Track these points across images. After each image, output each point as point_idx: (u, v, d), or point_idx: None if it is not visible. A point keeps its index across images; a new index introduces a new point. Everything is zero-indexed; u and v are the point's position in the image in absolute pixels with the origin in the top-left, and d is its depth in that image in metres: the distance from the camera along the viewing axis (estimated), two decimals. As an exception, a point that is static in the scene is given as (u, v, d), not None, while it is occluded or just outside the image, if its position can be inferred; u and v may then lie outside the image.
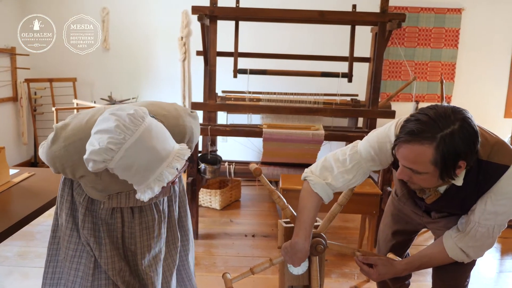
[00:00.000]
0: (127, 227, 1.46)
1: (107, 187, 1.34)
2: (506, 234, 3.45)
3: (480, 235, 1.38)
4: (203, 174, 3.13)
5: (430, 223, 1.63)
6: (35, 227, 3.19)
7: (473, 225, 1.38)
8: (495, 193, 1.31)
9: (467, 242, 1.41)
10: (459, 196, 1.38)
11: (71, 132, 1.26)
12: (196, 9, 2.97)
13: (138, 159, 1.11)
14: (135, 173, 1.13)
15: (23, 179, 1.97)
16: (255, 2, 3.74)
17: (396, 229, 1.78)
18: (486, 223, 1.36)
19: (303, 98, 3.35)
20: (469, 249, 1.42)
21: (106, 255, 1.43)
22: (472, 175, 1.30)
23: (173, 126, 1.29)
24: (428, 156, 1.20)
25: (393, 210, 1.79)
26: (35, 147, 4.80)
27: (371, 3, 3.98)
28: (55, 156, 1.28)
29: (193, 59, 4.61)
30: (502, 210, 1.33)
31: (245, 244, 3.12)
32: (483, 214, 1.34)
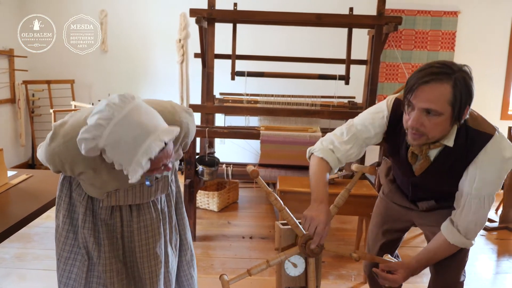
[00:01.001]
0: (126, 226, 1.46)
1: (106, 184, 1.35)
2: (502, 236, 3.47)
3: (474, 207, 1.43)
4: (201, 176, 3.14)
5: (419, 219, 1.68)
6: (32, 229, 3.19)
7: (466, 197, 1.44)
8: (481, 161, 1.39)
9: (463, 219, 1.46)
10: (448, 163, 1.44)
11: (70, 128, 1.27)
12: (194, 12, 2.98)
13: (126, 134, 1.13)
14: (124, 149, 1.14)
15: (21, 181, 1.97)
16: (253, 5, 3.75)
17: (385, 228, 1.81)
18: (477, 193, 1.42)
19: (300, 100, 3.37)
20: (466, 224, 1.46)
21: (105, 256, 1.43)
22: (461, 138, 1.40)
23: (169, 122, 1.30)
24: (447, 95, 1.29)
25: (381, 209, 1.82)
26: (33, 149, 4.80)
27: (368, 6, 4.01)
28: (55, 153, 1.28)
29: (191, 61, 4.62)
30: (489, 177, 1.41)
31: (243, 246, 3.13)
32: (473, 183, 1.41)
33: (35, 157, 4.81)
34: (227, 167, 3.29)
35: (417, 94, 1.31)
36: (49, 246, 2.98)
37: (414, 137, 1.39)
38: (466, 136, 1.40)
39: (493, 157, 1.39)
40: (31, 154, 4.85)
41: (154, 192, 1.46)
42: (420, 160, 1.49)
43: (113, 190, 1.37)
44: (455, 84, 1.28)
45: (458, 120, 1.34)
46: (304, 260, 1.54)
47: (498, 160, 1.39)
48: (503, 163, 1.40)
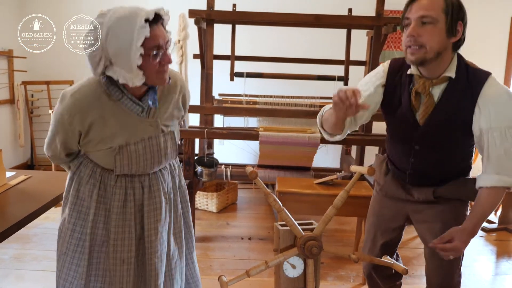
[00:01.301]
0: (138, 211, 1.47)
1: (115, 136, 1.37)
2: (501, 237, 3.47)
3: (499, 141, 1.42)
4: (200, 177, 3.14)
5: (415, 214, 1.68)
6: (31, 230, 3.19)
7: (486, 134, 1.43)
8: (489, 94, 1.42)
9: (493, 156, 1.44)
10: (453, 100, 1.46)
11: (77, 86, 1.35)
12: (193, 13, 2.98)
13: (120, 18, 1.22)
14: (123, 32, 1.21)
15: (20, 182, 1.97)
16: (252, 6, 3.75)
17: (383, 228, 1.80)
18: (497, 126, 1.41)
19: (299, 101, 3.37)
20: (498, 161, 1.45)
21: (115, 249, 1.44)
22: (462, 72, 1.46)
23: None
24: (439, 2, 1.39)
25: (376, 208, 1.82)
26: (31, 149, 4.80)
27: (367, 7, 4.00)
28: (64, 109, 1.33)
29: (190, 62, 4.62)
30: (503, 109, 1.42)
31: (242, 246, 3.13)
32: (490, 116, 1.42)
33: (34, 158, 4.80)
34: (226, 168, 3.29)
35: (412, 7, 1.42)
36: (48, 247, 2.97)
37: (413, 51, 1.42)
38: (466, 71, 1.47)
39: (499, 89, 1.43)
40: (30, 155, 4.84)
41: (164, 150, 1.46)
42: (424, 100, 1.50)
43: (124, 144, 1.38)
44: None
45: (452, 33, 1.41)
46: (303, 261, 1.54)
47: (505, 92, 1.43)
48: (509, 95, 1.43)
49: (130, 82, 1.27)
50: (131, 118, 1.38)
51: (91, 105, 1.33)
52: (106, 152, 1.39)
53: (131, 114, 1.38)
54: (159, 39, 1.27)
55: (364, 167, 1.59)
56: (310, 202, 2.65)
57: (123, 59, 1.24)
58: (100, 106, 1.34)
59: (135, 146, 1.40)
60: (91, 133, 1.37)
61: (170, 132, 1.50)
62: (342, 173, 2.98)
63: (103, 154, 1.40)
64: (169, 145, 1.49)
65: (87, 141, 1.39)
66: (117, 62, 1.26)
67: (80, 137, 1.39)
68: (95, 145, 1.39)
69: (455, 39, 1.44)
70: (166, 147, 1.48)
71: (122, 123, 1.37)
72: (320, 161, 4.00)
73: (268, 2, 4.38)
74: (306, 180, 2.92)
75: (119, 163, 1.39)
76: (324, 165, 4.27)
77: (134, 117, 1.39)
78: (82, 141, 1.40)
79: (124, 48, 1.23)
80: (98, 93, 1.34)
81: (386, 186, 1.75)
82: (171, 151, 1.51)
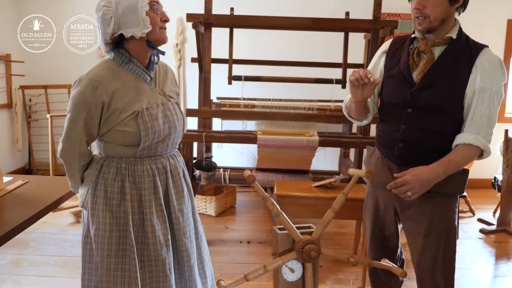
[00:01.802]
0: (166, 195, 1.57)
1: (134, 100, 1.48)
2: (500, 239, 3.47)
3: (486, 102, 1.51)
4: (198, 181, 3.13)
5: (402, 211, 1.68)
6: (29, 235, 3.18)
7: (478, 95, 1.52)
8: (484, 59, 1.53)
9: (476, 115, 1.52)
10: (451, 59, 1.54)
11: (88, 70, 1.48)
12: (191, 17, 2.98)
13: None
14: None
15: (17, 187, 1.97)
16: (250, 9, 3.77)
17: (378, 222, 1.81)
18: (489, 87, 1.51)
19: (297, 104, 3.37)
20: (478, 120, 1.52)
21: (153, 229, 1.52)
22: (463, 38, 1.58)
23: None
24: None
25: (369, 202, 1.84)
26: (29, 154, 4.79)
27: (364, 10, 4.02)
28: (83, 86, 1.43)
29: (188, 66, 4.63)
30: (495, 74, 1.53)
31: (240, 250, 3.12)
32: (484, 77, 1.51)
33: (32, 162, 4.79)
34: (225, 172, 3.29)
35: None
36: (46, 252, 2.96)
37: (419, 21, 1.54)
38: (466, 39, 1.59)
39: (495, 57, 1.56)
40: (28, 159, 4.83)
41: (175, 115, 1.59)
42: (424, 59, 1.58)
43: (145, 108, 1.48)
44: None
45: (455, 1, 1.51)
46: (302, 265, 1.53)
47: (499, 61, 1.55)
48: (502, 66, 1.55)
49: (139, 33, 1.44)
50: (144, 86, 1.53)
51: (109, 76, 1.46)
52: (130, 120, 1.46)
53: (143, 85, 1.52)
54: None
55: (362, 170, 1.59)
56: (309, 206, 2.64)
57: (131, 13, 1.43)
58: (117, 76, 1.48)
59: (153, 110, 1.51)
60: (113, 103, 1.45)
61: (176, 103, 1.65)
62: (340, 176, 2.97)
63: (128, 122, 1.46)
64: (177, 112, 1.62)
65: (110, 113, 1.46)
66: (125, 22, 1.44)
67: (102, 112, 1.45)
68: (118, 115, 1.46)
69: (458, 4, 1.54)
70: (176, 113, 1.60)
71: (138, 91, 1.50)
72: (319, 164, 4.01)
73: (266, 6, 4.40)
74: (305, 183, 2.91)
75: (144, 126, 1.46)
76: (323, 168, 4.27)
77: (146, 85, 1.53)
78: (105, 115, 1.46)
79: (132, 4, 1.42)
80: (111, 66, 1.50)
81: (376, 175, 1.75)
82: (180, 118, 1.63)
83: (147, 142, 1.49)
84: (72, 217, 3.56)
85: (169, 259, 1.55)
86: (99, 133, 1.49)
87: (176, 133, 1.60)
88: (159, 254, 1.52)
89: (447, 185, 1.59)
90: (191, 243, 1.63)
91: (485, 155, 1.58)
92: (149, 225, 1.51)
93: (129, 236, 1.50)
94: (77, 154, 1.50)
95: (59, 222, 3.47)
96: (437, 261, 1.62)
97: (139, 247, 1.53)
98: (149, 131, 1.48)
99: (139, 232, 1.53)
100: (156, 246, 1.52)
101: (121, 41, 1.49)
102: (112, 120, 1.46)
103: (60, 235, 3.25)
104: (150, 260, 1.53)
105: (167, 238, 1.55)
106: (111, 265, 1.50)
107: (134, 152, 1.50)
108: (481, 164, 3.77)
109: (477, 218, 3.90)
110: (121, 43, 1.50)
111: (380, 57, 1.76)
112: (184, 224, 1.60)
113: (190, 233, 1.63)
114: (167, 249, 1.55)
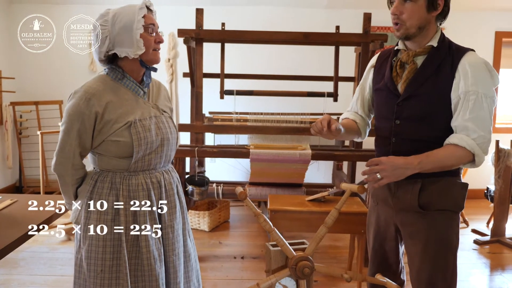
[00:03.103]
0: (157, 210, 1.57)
1: (128, 112, 1.51)
2: (494, 250, 3.47)
3: (472, 104, 1.46)
4: (191, 196, 3.11)
5: (402, 226, 1.64)
6: (18, 254, 3.12)
7: (463, 97, 1.48)
8: (468, 62, 1.49)
9: (461, 117, 1.48)
10: (433, 66, 1.52)
11: (86, 83, 1.51)
12: (182, 32, 2.99)
13: (124, 11, 1.48)
14: (126, 16, 1.46)
15: (5, 207, 1.93)
16: (241, 24, 3.79)
17: (379, 236, 1.77)
18: (474, 90, 1.46)
19: (289, 118, 3.37)
20: (466, 122, 1.47)
21: (147, 243, 1.52)
22: (445, 44, 1.55)
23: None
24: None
25: (371, 217, 1.80)
26: (20, 171, 4.73)
27: (354, 24, 4.07)
28: (78, 98, 1.46)
29: (180, 81, 4.63)
30: (481, 76, 1.48)
31: (234, 266, 3.08)
32: (468, 80, 1.47)
33: (23, 179, 4.74)
34: (218, 186, 3.27)
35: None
36: (35, 272, 2.91)
37: (397, 27, 1.54)
38: (449, 45, 1.56)
39: (479, 59, 1.51)
40: (18, 176, 4.77)
41: (168, 128, 1.61)
42: (406, 69, 1.57)
43: (138, 119, 1.51)
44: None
45: (433, 7, 1.49)
46: (295, 282, 1.51)
47: (483, 63, 1.50)
48: (489, 68, 1.50)
49: (132, 54, 1.47)
50: (137, 101, 1.56)
51: (103, 88, 1.50)
52: (123, 130, 1.48)
53: (137, 98, 1.56)
54: (153, 20, 1.54)
55: (354, 184, 1.59)
56: (302, 220, 2.63)
57: (126, 34, 1.46)
58: (111, 89, 1.52)
59: (146, 121, 1.54)
60: (106, 114, 1.47)
61: (169, 117, 1.67)
62: (334, 190, 2.96)
63: (121, 133, 1.48)
64: (170, 125, 1.64)
65: (103, 124, 1.48)
66: (120, 41, 1.47)
67: (95, 123, 1.47)
68: (112, 126, 1.48)
69: (436, 12, 1.51)
70: (169, 126, 1.63)
71: (132, 103, 1.54)
72: (312, 177, 3.99)
73: (257, 20, 4.43)
74: (298, 197, 2.90)
75: (137, 136, 1.48)
76: (316, 181, 4.26)
77: (139, 99, 1.57)
78: (98, 126, 1.48)
79: (128, 25, 1.46)
80: (105, 80, 1.53)
81: (375, 191, 1.73)
82: (173, 132, 1.65)
83: (140, 152, 1.50)
84: (63, 234, 3.50)
85: (162, 274, 1.55)
86: (93, 145, 1.51)
87: (169, 145, 1.62)
88: (153, 269, 1.52)
89: (444, 199, 1.55)
90: (179, 260, 1.62)
91: (477, 160, 1.49)
92: (143, 239, 1.52)
93: (122, 252, 1.50)
94: (70, 167, 1.51)
95: (49, 240, 3.42)
96: (435, 283, 1.58)
97: (133, 262, 1.53)
98: (141, 141, 1.49)
99: (133, 247, 1.53)
100: (150, 261, 1.52)
101: (115, 58, 1.53)
102: (105, 131, 1.48)
103: (50, 254, 3.19)
104: (143, 275, 1.53)
105: (160, 253, 1.55)
106: (105, 281, 1.49)
107: (128, 164, 1.51)
108: (474, 175, 3.80)
109: (471, 229, 3.90)
110: (115, 60, 1.54)
111: (368, 72, 1.77)
112: (173, 241, 1.60)
113: (179, 250, 1.62)
114: (161, 263, 1.55)
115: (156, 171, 1.59)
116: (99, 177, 1.54)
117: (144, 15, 1.49)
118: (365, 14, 3.11)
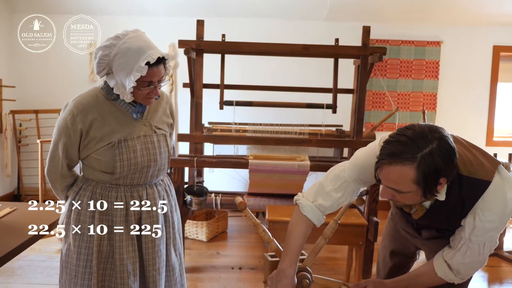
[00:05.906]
0: (137, 224, 1.57)
1: (113, 131, 1.50)
2: (492, 263, 3.46)
3: (470, 252, 1.39)
4: (189, 206, 3.11)
5: (424, 246, 1.65)
6: (15, 263, 3.10)
7: (464, 241, 1.39)
8: (481, 209, 1.33)
9: (457, 259, 1.42)
10: (444, 210, 1.39)
11: (79, 96, 1.53)
12: (183, 43, 3.02)
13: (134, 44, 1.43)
14: (130, 57, 1.41)
15: (4, 215, 1.93)
16: (241, 35, 3.83)
17: (393, 249, 1.78)
18: (476, 239, 1.37)
19: (288, 129, 3.39)
20: (459, 266, 1.42)
21: (121, 257, 1.53)
22: (454, 190, 1.33)
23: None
24: (410, 176, 1.24)
25: (390, 231, 1.80)
26: (18, 179, 4.72)
27: (353, 37, 4.11)
28: (66, 113, 1.48)
29: (180, 91, 4.65)
30: (490, 226, 1.34)
31: (232, 277, 3.07)
32: (473, 230, 1.36)
33: (21, 188, 4.73)
34: (216, 196, 3.26)
35: (382, 173, 1.29)
36: (32, 281, 2.89)
37: (394, 202, 1.46)
38: (459, 187, 1.33)
39: (492, 205, 1.32)
40: (17, 185, 4.76)
41: (158, 148, 1.59)
42: (415, 210, 1.46)
43: (122, 139, 1.50)
44: (420, 164, 1.22)
45: (431, 194, 1.28)
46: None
47: (499, 207, 1.32)
48: (505, 207, 1.33)
49: (122, 95, 1.49)
50: (127, 117, 1.54)
51: (91, 105, 1.50)
52: (106, 150, 1.48)
53: (127, 115, 1.55)
54: (153, 77, 1.48)
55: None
56: (301, 231, 2.62)
57: (122, 78, 1.45)
58: (99, 106, 1.51)
59: (132, 141, 1.52)
60: (91, 132, 1.49)
61: (162, 135, 1.64)
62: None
63: (103, 152, 1.49)
64: (162, 145, 1.61)
65: (88, 140, 1.49)
66: (116, 73, 1.47)
67: (81, 139, 1.49)
68: (95, 144, 1.49)
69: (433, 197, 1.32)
70: (160, 146, 1.60)
71: (119, 121, 1.53)
72: (311, 188, 3.99)
73: (257, 32, 4.47)
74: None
75: (119, 157, 1.48)
76: (315, 192, 4.25)
77: (129, 117, 1.55)
78: (83, 142, 1.49)
79: (123, 74, 1.45)
80: (97, 95, 1.53)
81: (397, 218, 1.72)
82: (164, 152, 1.62)
83: (123, 172, 1.51)
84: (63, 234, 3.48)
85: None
86: (80, 157, 1.54)
87: (156, 166, 1.60)
88: (126, 283, 1.53)
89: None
90: (159, 275, 1.60)
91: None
92: (118, 252, 1.52)
93: (94, 261, 1.52)
94: (59, 175, 1.55)
95: (46, 249, 3.40)
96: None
97: (107, 273, 1.55)
98: (124, 163, 1.50)
99: (108, 258, 1.54)
100: (123, 274, 1.53)
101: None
102: (90, 148, 1.50)
103: (47, 262, 3.18)
104: (118, 284, 1.54)
105: (135, 267, 1.55)
106: (77, 286, 1.53)
107: (110, 178, 1.53)
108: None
109: (469, 242, 3.89)
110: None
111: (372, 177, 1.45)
112: (153, 256, 1.58)
113: (159, 265, 1.60)
114: (134, 278, 1.54)
115: (140, 186, 1.59)
116: (83, 184, 1.58)
117: (142, 75, 1.43)
118: (364, 27, 3.14)
